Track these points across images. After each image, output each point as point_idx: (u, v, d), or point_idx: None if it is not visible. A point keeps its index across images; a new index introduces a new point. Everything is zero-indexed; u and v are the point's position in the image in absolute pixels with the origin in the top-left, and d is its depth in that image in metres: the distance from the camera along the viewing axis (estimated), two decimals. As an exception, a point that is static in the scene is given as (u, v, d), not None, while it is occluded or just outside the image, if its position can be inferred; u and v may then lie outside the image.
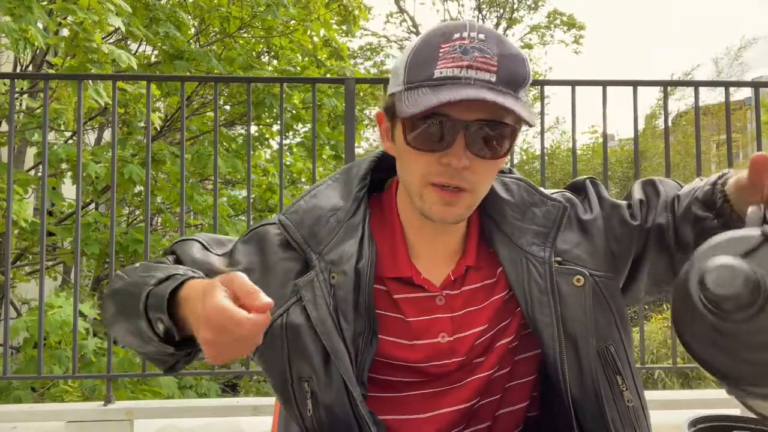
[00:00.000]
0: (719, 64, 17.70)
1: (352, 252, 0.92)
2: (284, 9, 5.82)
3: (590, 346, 0.92)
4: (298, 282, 0.93)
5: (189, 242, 1.01)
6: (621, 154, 11.14)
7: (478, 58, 0.83)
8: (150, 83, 2.65)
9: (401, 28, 19.18)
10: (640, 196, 1.01)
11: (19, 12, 3.67)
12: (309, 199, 0.98)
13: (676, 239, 0.95)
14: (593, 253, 0.96)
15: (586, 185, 1.03)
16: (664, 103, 2.79)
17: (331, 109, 6.17)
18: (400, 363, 0.94)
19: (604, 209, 1.00)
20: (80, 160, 2.56)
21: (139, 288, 0.82)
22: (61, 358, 3.56)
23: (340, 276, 0.91)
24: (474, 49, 0.83)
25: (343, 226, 0.94)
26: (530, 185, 1.00)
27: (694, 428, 0.92)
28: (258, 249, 0.98)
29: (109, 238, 2.48)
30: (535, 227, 0.96)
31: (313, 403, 0.91)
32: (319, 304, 0.91)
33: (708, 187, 0.89)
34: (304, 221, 0.96)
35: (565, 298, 0.93)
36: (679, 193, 0.98)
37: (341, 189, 0.99)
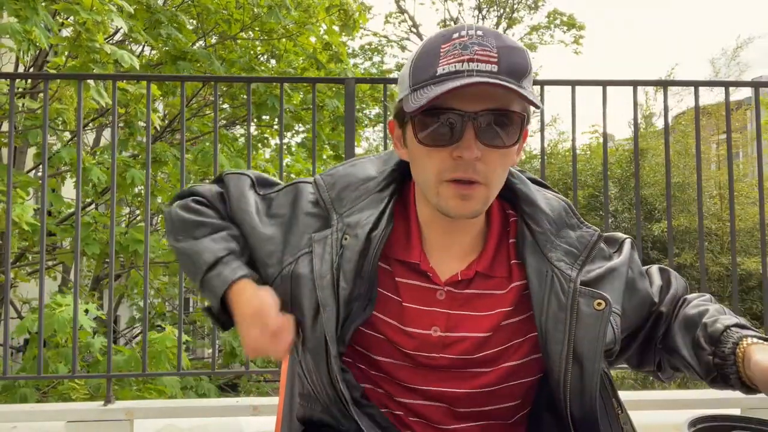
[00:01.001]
0: (716, 65, 17.70)
1: (370, 221, 0.95)
2: (286, 11, 5.82)
3: (596, 370, 0.92)
4: (314, 236, 0.98)
5: (241, 178, 1.09)
6: (620, 154, 11.14)
7: (477, 51, 0.84)
8: (150, 83, 2.65)
9: (401, 28, 19.18)
10: (660, 281, 1.05)
11: (25, 13, 3.68)
12: (348, 167, 1.04)
13: (664, 334, 1.00)
14: (612, 291, 0.96)
15: (625, 243, 1.03)
16: (664, 103, 2.79)
17: (332, 110, 6.17)
18: (392, 342, 0.96)
19: (632, 269, 1.01)
20: (80, 160, 2.57)
21: (194, 267, 1.01)
22: (67, 357, 3.57)
23: (352, 239, 0.95)
24: (473, 44, 0.85)
25: (370, 197, 0.98)
26: (570, 207, 1.02)
27: (694, 428, 0.92)
28: (292, 201, 1.04)
29: (109, 238, 2.47)
30: (566, 246, 0.97)
31: (303, 349, 0.98)
32: (325, 259, 0.95)
33: (721, 330, 0.93)
34: (336, 184, 1.01)
35: (583, 318, 0.92)
36: (687, 297, 1.03)
37: (379, 165, 1.03)
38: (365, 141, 14.97)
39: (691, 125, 11.79)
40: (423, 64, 0.87)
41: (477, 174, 0.87)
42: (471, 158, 0.86)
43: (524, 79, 0.86)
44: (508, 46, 0.86)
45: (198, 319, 6.87)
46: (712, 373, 0.92)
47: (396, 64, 18.85)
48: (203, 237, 1.02)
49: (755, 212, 9.54)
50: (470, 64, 0.84)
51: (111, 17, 3.97)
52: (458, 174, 0.87)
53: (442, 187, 0.89)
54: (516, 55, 0.86)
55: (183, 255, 1.04)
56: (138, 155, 5.42)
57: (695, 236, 9.17)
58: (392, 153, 1.03)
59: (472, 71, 0.83)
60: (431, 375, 0.96)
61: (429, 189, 0.91)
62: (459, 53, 0.84)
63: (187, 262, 1.03)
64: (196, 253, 1.01)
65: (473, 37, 0.85)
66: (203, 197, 1.09)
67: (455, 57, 0.84)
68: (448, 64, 0.84)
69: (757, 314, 8.82)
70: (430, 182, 0.90)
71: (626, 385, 7.38)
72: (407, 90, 0.89)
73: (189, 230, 1.05)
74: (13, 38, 3.66)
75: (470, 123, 0.85)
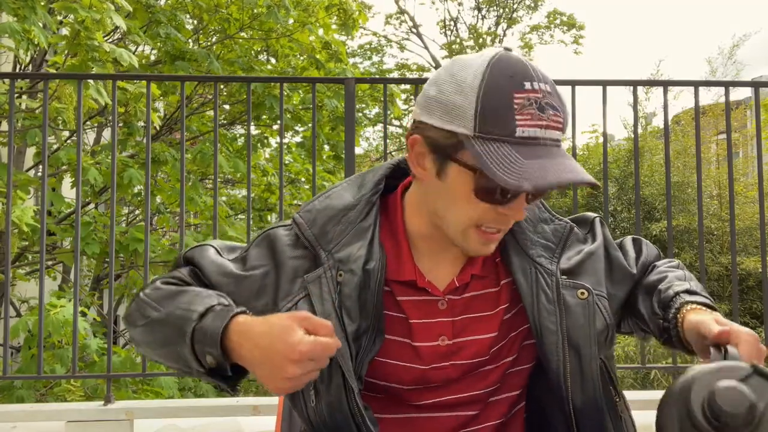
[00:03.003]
0: (713, 64, 17.70)
1: (361, 254, 0.94)
2: (285, 11, 5.82)
3: (593, 357, 0.95)
4: (307, 277, 0.95)
5: (204, 248, 1.04)
6: (617, 153, 11.13)
7: (552, 117, 0.84)
8: (150, 83, 2.65)
9: (401, 28, 19.17)
10: (633, 252, 1.08)
11: (23, 12, 3.67)
12: (323, 199, 1.01)
13: (632, 300, 1.03)
14: (593, 274, 1.00)
15: (595, 223, 1.08)
16: (664, 103, 2.79)
17: (332, 110, 6.17)
18: (405, 364, 0.95)
19: (607, 248, 1.05)
20: (80, 160, 2.57)
21: (182, 322, 0.87)
22: (63, 358, 3.56)
23: (347, 274, 0.93)
24: (548, 106, 0.84)
25: (354, 228, 0.96)
26: (541, 202, 1.03)
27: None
28: (269, 250, 1.00)
29: (109, 237, 2.47)
30: (543, 241, 1.00)
31: (316, 394, 0.93)
32: (325, 299, 0.93)
33: (671, 296, 0.96)
34: (316, 220, 0.98)
35: (570, 308, 0.95)
36: (656, 264, 1.07)
37: (354, 191, 1.00)
38: (365, 141, 14.96)
39: (688, 125, 11.80)
40: (494, 107, 0.82)
41: (509, 225, 0.93)
42: (518, 219, 0.91)
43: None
44: (565, 106, 0.87)
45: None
46: (663, 336, 0.95)
47: (396, 64, 18.86)
48: (189, 299, 0.91)
49: (754, 212, 9.54)
50: (547, 131, 0.83)
51: (109, 15, 3.96)
52: (496, 226, 0.90)
53: (471, 231, 0.90)
54: (566, 114, 0.88)
55: (162, 322, 0.91)
56: (137, 155, 5.41)
57: (695, 236, 9.17)
58: (364, 176, 1.02)
59: (546, 140, 0.84)
60: (443, 389, 0.97)
61: (456, 229, 0.91)
62: (536, 114, 0.83)
63: (168, 326, 0.89)
64: (182, 310, 0.89)
65: (546, 95, 0.84)
66: (174, 278, 1.00)
67: (533, 119, 0.82)
68: (527, 126, 0.82)
69: (756, 314, 8.82)
70: (460, 223, 0.90)
71: (626, 384, 7.39)
72: (469, 130, 0.83)
73: (170, 298, 0.94)
74: (13, 38, 3.66)
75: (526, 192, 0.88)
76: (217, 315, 0.85)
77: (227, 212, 6.33)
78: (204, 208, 5.30)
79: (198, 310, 0.87)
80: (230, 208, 6.94)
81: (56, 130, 4.79)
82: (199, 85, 5.79)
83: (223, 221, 5.32)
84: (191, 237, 4.96)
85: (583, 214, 1.11)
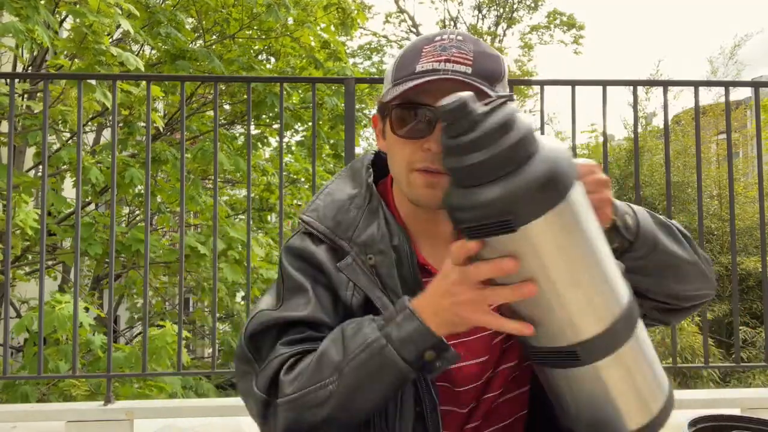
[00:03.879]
0: (714, 64, 17.70)
1: (383, 232, 0.95)
2: (285, 9, 5.82)
3: None
4: (340, 265, 0.94)
5: (262, 315, 0.95)
6: (618, 153, 11.13)
7: (455, 54, 0.90)
8: (150, 83, 2.65)
9: (401, 28, 19.18)
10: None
11: (26, 12, 3.68)
12: (325, 196, 1.02)
13: None
14: None
15: None
16: (664, 103, 2.79)
17: (332, 108, 6.17)
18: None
19: None
20: (80, 160, 2.56)
21: (376, 359, 0.82)
22: (67, 353, 3.57)
23: (378, 256, 0.94)
24: (452, 46, 0.92)
25: (364, 212, 0.98)
26: None
27: (694, 428, 0.93)
28: (298, 260, 0.97)
29: (110, 237, 2.47)
30: None
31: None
32: (367, 285, 0.92)
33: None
34: (326, 215, 0.99)
35: None
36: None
37: (351, 183, 1.03)
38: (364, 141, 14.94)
39: (688, 125, 11.80)
40: (405, 61, 0.93)
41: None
42: (438, 151, 0.87)
43: (497, 84, 0.92)
44: (484, 51, 0.92)
45: (198, 318, 6.86)
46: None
47: (395, 63, 18.83)
48: (340, 356, 0.85)
49: (754, 211, 9.55)
50: (446, 64, 0.90)
51: (117, 20, 3.98)
52: (426, 164, 0.91)
53: (412, 176, 0.93)
54: (490, 61, 0.92)
55: (350, 386, 0.84)
56: (137, 155, 5.42)
57: (695, 236, 9.17)
58: (352, 167, 1.06)
59: (447, 71, 0.89)
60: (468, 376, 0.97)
61: (402, 178, 0.95)
62: (438, 54, 0.91)
63: (362, 377, 0.83)
64: (359, 355, 0.83)
65: (453, 41, 0.92)
66: (285, 358, 0.90)
67: (434, 57, 0.91)
68: (427, 63, 0.90)
69: (756, 314, 8.83)
70: (402, 172, 0.94)
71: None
72: (389, 85, 0.94)
73: (321, 368, 0.86)
74: (16, 37, 3.67)
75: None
76: (398, 323, 0.83)
77: (227, 212, 6.33)
78: (204, 208, 5.30)
79: (373, 337, 0.83)
80: (230, 208, 6.94)
81: (57, 131, 4.80)
82: (200, 85, 5.79)
83: (224, 221, 5.32)
84: (191, 237, 4.96)
85: None
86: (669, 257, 0.96)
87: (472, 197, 0.70)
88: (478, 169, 0.69)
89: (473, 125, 0.70)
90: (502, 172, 0.68)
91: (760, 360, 7.39)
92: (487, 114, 0.70)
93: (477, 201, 0.69)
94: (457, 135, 0.70)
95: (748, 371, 7.40)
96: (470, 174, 0.70)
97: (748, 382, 7.62)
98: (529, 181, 0.67)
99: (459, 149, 0.70)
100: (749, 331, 8.48)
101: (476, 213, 0.70)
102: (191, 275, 5.56)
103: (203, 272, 5.22)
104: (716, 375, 7.59)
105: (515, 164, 0.68)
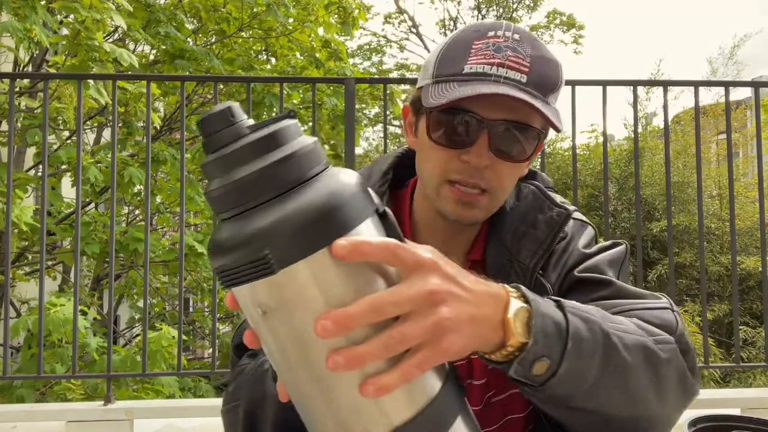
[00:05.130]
0: (714, 64, 17.69)
1: None
2: (284, 9, 5.82)
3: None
4: None
5: None
6: (618, 153, 11.13)
7: (510, 57, 0.81)
8: (150, 83, 2.64)
9: (400, 28, 19.16)
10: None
11: (24, 12, 3.67)
12: None
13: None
14: (557, 279, 0.92)
15: (619, 246, 0.96)
16: (664, 103, 2.79)
17: (331, 108, 6.17)
18: None
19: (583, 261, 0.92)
20: (80, 160, 2.56)
21: (261, 378, 0.80)
22: (63, 357, 3.56)
23: None
24: (507, 47, 0.81)
25: None
26: (540, 190, 0.98)
27: (694, 428, 0.93)
28: None
29: (109, 237, 2.47)
30: (533, 232, 0.93)
31: None
32: None
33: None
34: None
35: None
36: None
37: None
38: (365, 141, 14.94)
39: (688, 125, 11.79)
40: (451, 55, 0.84)
41: (483, 180, 0.85)
42: (479, 166, 0.83)
43: (551, 95, 0.83)
44: (542, 56, 0.83)
45: (197, 319, 6.86)
46: None
47: (396, 63, 18.85)
48: (246, 377, 0.85)
49: (754, 211, 9.54)
50: (500, 69, 0.80)
51: (110, 15, 3.96)
52: (463, 177, 0.84)
53: (443, 188, 0.86)
54: (548, 68, 0.83)
55: (249, 402, 0.82)
56: (136, 155, 5.41)
57: (695, 236, 9.17)
58: (372, 167, 0.99)
59: (500, 77, 0.80)
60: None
61: (431, 186, 0.88)
62: (491, 54, 0.81)
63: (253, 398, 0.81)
64: (250, 381, 0.83)
65: (509, 40, 0.82)
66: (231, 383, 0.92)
67: (486, 57, 0.81)
68: (477, 64, 0.81)
69: (756, 314, 8.82)
70: (433, 179, 0.87)
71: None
72: (429, 79, 0.85)
73: (235, 392, 0.87)
74: (14, 36, 3.66)
75: (486, 130, 0.82)
76: None
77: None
78: (204, 208, 5.30)
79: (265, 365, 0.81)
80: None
81: (56, 130, 4.79)
82: (199, 85, 5.79)
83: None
84: (189, 236, 4.95)
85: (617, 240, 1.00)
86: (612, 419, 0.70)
87: (223, 232, 0.53)
88: (232, 194, 0.52)
89: (235, 138, 0.54)
90: (262, 198, 0.52)
91: (760, 360, 7.39)
92: (257, 127, 0.55)
93: (228, 236, 0.53)
94: (215, 150, 0.55)
95: (748, 371, 7.38)
96: (224, 199, 0.53)
97: (748, 382, 7.61)
98: (297, 209, 0.51)
99: (216, 166, 0.54)
100: (749, 331, 8.46)
101: (229, 251, 0.52)
102: (191, 275, 5.56)
103: (203, 272, 5.22)
104: (716, 375, 7.58)
105: (279, 188, 0.52)
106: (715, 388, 7.41)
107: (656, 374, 0.71)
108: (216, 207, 0.55)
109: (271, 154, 0.53)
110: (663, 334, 0.74)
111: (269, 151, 0.53)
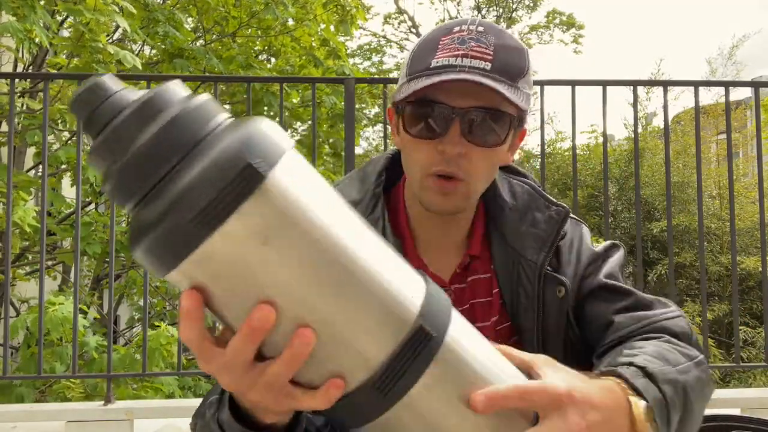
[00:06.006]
0: (713, 64, 17.69)
1: None
2: (283, 7, 5.82)
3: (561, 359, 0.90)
4: None
5: None
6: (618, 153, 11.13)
7: (473, 47, 0.85)
8: (150, 83, 2.65)
9: (400, 28, 19.17)
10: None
11: (23, 12, 3.67)
12: None
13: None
14: (573, 277, 0.96)
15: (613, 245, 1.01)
16: (664, 103, 2.79)
17: (331, 107, 6.17)
18: None
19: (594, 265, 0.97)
20: (80, 160, 2.57)
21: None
22: (62, 356, 3.56)
23: None
24: (471, 39, 0.85)
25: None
26: (534, 189, 1.00)
27: (695, 428, 0.92)
28: None
29: (109, 237, 2.47)
30: (534, 230, 0.96)
31: None
32: None
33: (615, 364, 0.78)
34: None
35: (547, 306, 0.93)
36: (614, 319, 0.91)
37: (359, 186, 0.99)
38: (365, 141, 14.94)
39: (688, 125, 11.80)
40: (421, 54, 0.88)
41: (459, 169, 0.87)
42: (453, 154, 0.86)
43: (520, 80, 0.86)
44: (506, 44, 0.86)
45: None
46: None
47: (395, 63, 18.85)
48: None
49: (754, 211, 9.54)
50: (464, 59, 0.84)
51: (113, 17, 3.97)
52: (441, 168, 0.87)
53: (426, 180, 0.89)
54: (513, 55, 0.86)
55: None
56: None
57: (695, 236, 9.17)
58: (365, 169, 1.01)
59: (464, 67, 0.83)
60: None
61: (415, 180, 0.91)
62: (455, 47, 0.85)
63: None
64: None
65: (472, 33, 0.86)
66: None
67: (451, 51, 0.85)
68: (443, 57, 0.85)
69: (756, 314, 8.82)
70: (416, 174, 0.90)
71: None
72: (404, 78, 0.90)
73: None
74: (14, 37, 3.66)
75: (457, 118, 0.85)
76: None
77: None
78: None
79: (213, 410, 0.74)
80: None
81: (56, 130, 4.79)
82: (200, 85, 5.79)
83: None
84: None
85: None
86: None
87: (140, 216, 0.48)
88: (132, 170, 0.48)
89: (116, 111, 0.49)
90: (163, 169, 0.47)
91: (760, 360, 7.39)
92: (136, 97, 0.50)
93: (149, 215, 0.47)
94: (99, 131, 0.49)
95: (748, 371, 7.39)
96: (123, 181, 0.48)
97: (748, 382, 7.61)
98: (205, 172, 0.46)
99: (104, 149, 0.49)
100: (749, 331, 8.46)
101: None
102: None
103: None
104: (716, 375, 7.58)
105: (180, 154, 0.47)
106: (715, 388, 7.41)
107: (706, 398, 0.83)
108: (119, 189, 0.49)
109: (163, 114, 0.49)
110: (692, 349, 0.85)
111: (160, 112, 0.49)
